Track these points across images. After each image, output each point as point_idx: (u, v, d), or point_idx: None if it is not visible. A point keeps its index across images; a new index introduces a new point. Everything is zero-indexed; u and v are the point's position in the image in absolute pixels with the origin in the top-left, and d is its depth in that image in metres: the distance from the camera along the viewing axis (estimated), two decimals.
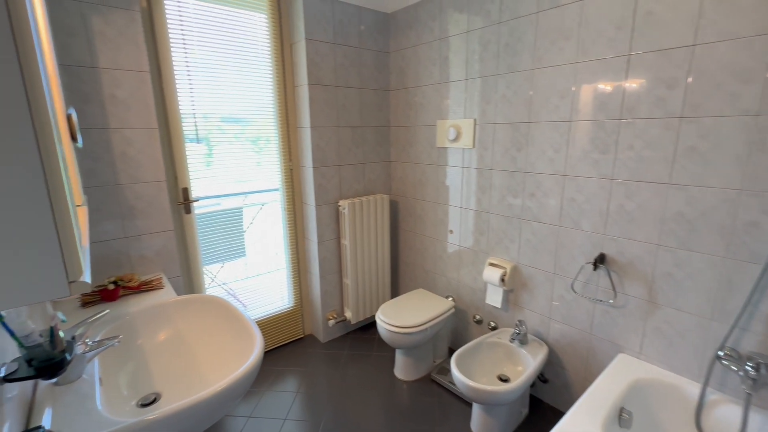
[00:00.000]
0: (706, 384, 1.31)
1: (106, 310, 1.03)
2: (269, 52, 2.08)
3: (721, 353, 1.29)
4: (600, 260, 1.58)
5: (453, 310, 2.14)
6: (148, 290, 1.53)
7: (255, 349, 1.08)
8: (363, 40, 2.28)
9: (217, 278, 2.29)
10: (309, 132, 2.16)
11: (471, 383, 1.54)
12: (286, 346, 2.44)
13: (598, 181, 1.56)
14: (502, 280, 1.93)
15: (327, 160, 2.25)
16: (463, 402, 1.94)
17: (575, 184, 1.64)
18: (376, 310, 2.50)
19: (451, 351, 2.34)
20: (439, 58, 2.11)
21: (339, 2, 2.13)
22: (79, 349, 0.93)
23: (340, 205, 2.31)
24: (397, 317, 1.98)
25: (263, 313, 2.35)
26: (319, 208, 2.28)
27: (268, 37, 2.06)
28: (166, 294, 1.50)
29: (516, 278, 1.95)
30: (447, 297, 2.31)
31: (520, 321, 1.81)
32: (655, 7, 1.32)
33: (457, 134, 2.08)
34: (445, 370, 2.15)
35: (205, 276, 2.08)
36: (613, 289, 1.58)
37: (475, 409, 1.72)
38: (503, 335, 1.90)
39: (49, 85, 0.56)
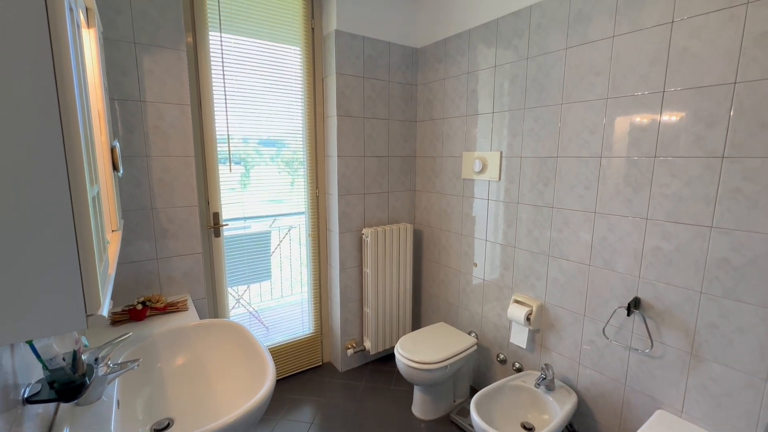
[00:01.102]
0: None
1: (129, 333, 1.07)
2: (302, 84, 2.19)
3: None
4: (635, 305, 1.47)
5: (475, 347, 2.05)
6: (173, 311, 1.58)
7: (267, 381, 1.07)
8: (392, 74, 2.35)
9: (242, 300, 2.34)
10: (336, 161, 2.21)
11: (492, 430, 1.44)
12: (304, 373, 2.42)
13: (632, 220, 1.48)
14: (528, 318, 1.84)
15: (352, 188, 2.29)
16: None
17: (607, 222, 1.56)
18: (396, 341, 2.45)
19: (473, 390, 2.22)
20: (467, 91, 2.13)
21: (369, 39, 2.22)
22: (101, 370, 0.96)
23: (363, 233, 2.32)
24: (417, 352, 1.92)
25: (284, 338, 2.36)
26: (343, 236, 2.30)
27: (301, 69, 2.17)
28: (190, 316, 1.55)
29: (543, 318, 1.85)
30: (470, 333, 2.22)
31: (546, 365, 1.71)
32: (690, 45, 1.28)
33: (482, 166, 2.06)
34: (466, 411, 2.04)
35: (230, 297, 2.13)
36: (650, 337, 1.46)
37: None
38: (528, 379, 1.79)
39: (88, 137, 0.61)
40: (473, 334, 2.18)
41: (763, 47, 1.14)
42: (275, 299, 2.43)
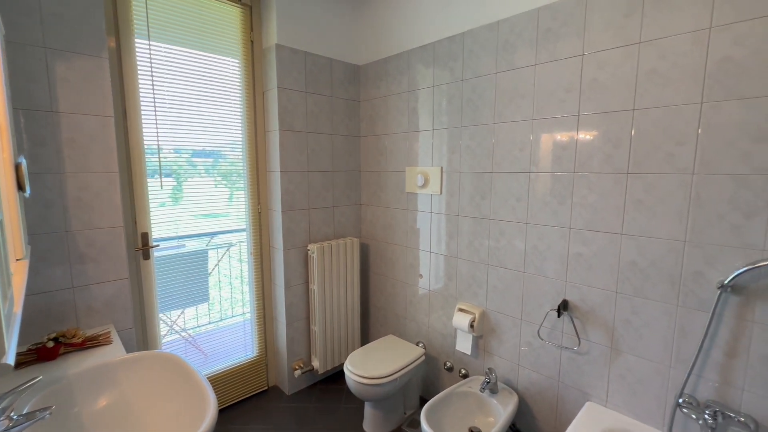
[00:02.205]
0: None
1: (39, 377, 0.93)
2: (241, 96, 2.11)
3: (681, 401, 1.32)
4: (563, 307, 1.61)
5: (423, 357, 2.09)
6: (93, 346, 1.41)
7: (207, 415, 1.00)
8: (335, 89, 2.37)
9: (176, 326, 2.15)
10: (279, 176, 2.16)
11: None
12: (248, 400, 2.28)
13: (558, 229, 1.63)
14: (472, 325, 1.93)
15: (296, 203, 2.24)
16: None
17: (537, 231, 1.70)
18: (345, 357, 2.41)
19: (423, 400, 2.26)
20: (408, 109, 2.21)
21: (311, 54, 2.22)
22: (1, 425, 0.83)
23: (308, 249, 2.28)
24: (366, 367, 1.91)
25: (225, 364, 2.21)
26: (287, 252, 2.23)
27: (240, 81, 2.10)
28: (114, 350, 1.39)
29: (485, 324, 1.95)
30: (417, 343, 2.26)
31: (490, 369, 1.79)
32: (598, 75, 1.46)
33: (425, 180, 2.14)
34: (416, 423, 2.06)
35: (161, 323, 1.95)
36: (577, 335, 1.60)
37: None
38: (474, 384, 1.87)
39: None
40: (421, 345, 2.23)
41: (652, 82, 1.34)
42: (213, 323, 2.27)
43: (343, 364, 2.52)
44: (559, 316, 1.64)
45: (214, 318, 2.27)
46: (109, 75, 1.55)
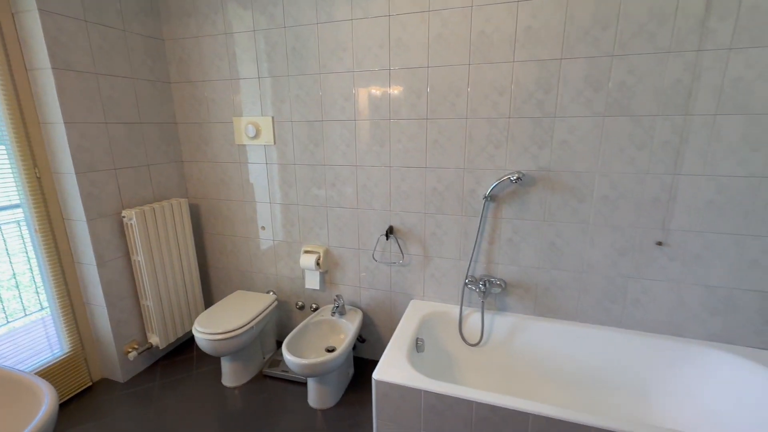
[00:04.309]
0: (461, 304, 1.89)
1: None
2: None
3: (466, 281, 1.89)
4: (390, 231, 1.98)
5: (276, 303, 2.20)
6: None
7: (42, 406, 0.86)
8: (127, 22, 1.96)
9: None
10: (63, 129, 1.71)
11: (303, 361, 1.67)
12: (68, 404, 1.91)
13: (381, 168, 1.94)
14: (318, 263, 2.13)
15: (96, 163, 1.85)
16: (298, 384, 2.05)
17: (365, 172, 1.98)
18: (190, 325, 2.29)
19: (279, 344, 2.40)
20: (227, 54, 2.06)
21: None
22: None
23: (124, 216, 1.95)
24: (218, 324, 1.89)
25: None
26: (93, 223, 1.86)
27: None
28: None
29: (329, 260, 2.19)
30: (268, 292, 2.34)
31: (337, 296, 2.07)
32: (402, 35, 1.75)
33: (256, 131, 2.10)
34: (277, 362, 2.20)
35: None
36: (402, 252, 2.02)
37: (310, 383, 1.88)
38: (325, 312, 2.12)
39: None
40: (271, 293, 2.32)
41: (439, 45, 1.70)
42: None
43: (188, 333, 2.38)
44: (387, 239, 2.01)
45: None
46: None
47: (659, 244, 1.61)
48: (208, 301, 2.57)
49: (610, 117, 1.55)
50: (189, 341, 2.47)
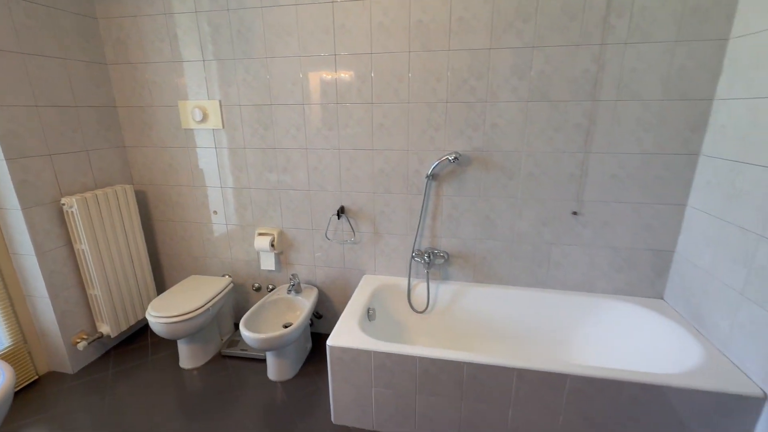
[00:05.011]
0: (409, 276, 2.06)
1: None
2: None
3: (413, 254, 2.06)
4: (341, 211, 2.09)
5: (232, 285, 2.24)
6: None
7: None
8: None
9: None
10: None
11: (260, 335, 1.76)
12: (13, 399, 1.85)
13: (331, 151, 2.03)
14: (272, 245, 2.19)
15: (28, 148, 1.77)
16: (257, 360, 2.13)
17: (316, 155, 2.05)
18: (143, 313, 2.27)
19: (237, 326, 2.45)
20: (168, 36, 2.02)
21: None
22: None
23: (64, 204, 1.89)
24: (173, 307, 1.91)
25: None
26: (29, 212, 1.79)
27: None
28: None
29: (283, 241, 2.26)
30: (223, 276, 2.37)
31: (293, 275, 2.15)
32: (345, 22, 1.82)
33: (203, 115, 2.09)
34: (236, 342, 2.26)
35: None
36: (353, 230, 2.14)
37: (269, 358, 1.97)
38: (281, 291, 2.20)
39: None
40: (227, 276, 2.35)
41: (380, 33, 1.80)
42: None
43: (140, 320, 2.36)
44: (339, 219, 2.11)
45: None
46: None
47: (574, 213, 1.86)
48: (161, 287, 2.54)
49: (532, 102, 1.75)
50: (143, 329, 2.45)
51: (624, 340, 1.79)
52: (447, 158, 1.83)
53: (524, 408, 1.47)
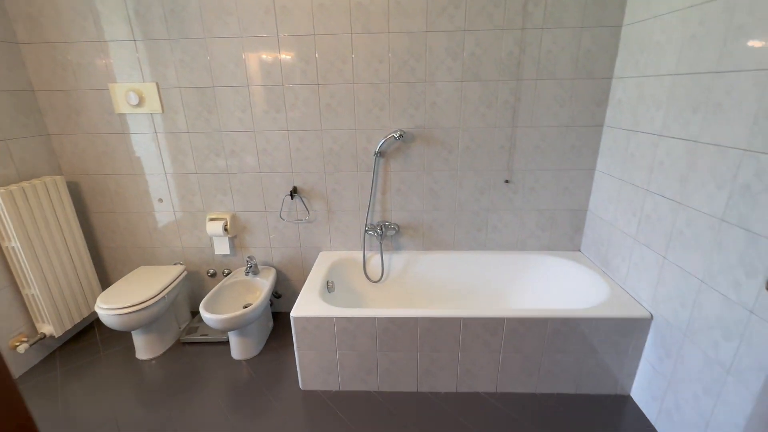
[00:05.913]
0: (364, 249, 2.19)
1: None
2: None
3: (366, 228, 2.19)
4: (294, 191, 2.14)
5: (185, 273, 2.22)
6: None
7: None
8: None
9: None
10: None
11: (221, 316, 1.80)
12: None
13: (280, 132, 2.06)
14: (225, 229, 2.20)
15: None
16: (219, 344, 2.16)
17: (264, 137, 2.07)
18: (89, 309, 2.18)
19: (194, 314, 2.43)
20: (90, 12, 1.88)
21: None
22: None
23: None
24: (124, 299, 1.87)
25: None
26: None
27: None
28: None
29: (236, 225, 2.26)
30: (175, 264, 2.32)
31: (249, 257, 2.18)
32: (286, 3, 1.84)
33: (139, 99, 2.00)
34: (195, 329, 2.25)
35: None
36: (307, 209, 2.21)
37: (232, 338, 2.01)
38: (239, 274, 2.22)
39: None
40: (179, 264, 2.31)
41: (323, 14, 1.84)
42: None
43: (86, 318, 2.25)
44: (292, 199, 2.17)
45: None
46: None
47: (507, 182, 2.10)
48: (106, 282, 2.42)
49: (465, 82, 1.92)
50: (90, 326, 2.34)
51: (550, 287, 2.10)
52: (393, 136, 1.96)
53: (470, 351, 1.70)
